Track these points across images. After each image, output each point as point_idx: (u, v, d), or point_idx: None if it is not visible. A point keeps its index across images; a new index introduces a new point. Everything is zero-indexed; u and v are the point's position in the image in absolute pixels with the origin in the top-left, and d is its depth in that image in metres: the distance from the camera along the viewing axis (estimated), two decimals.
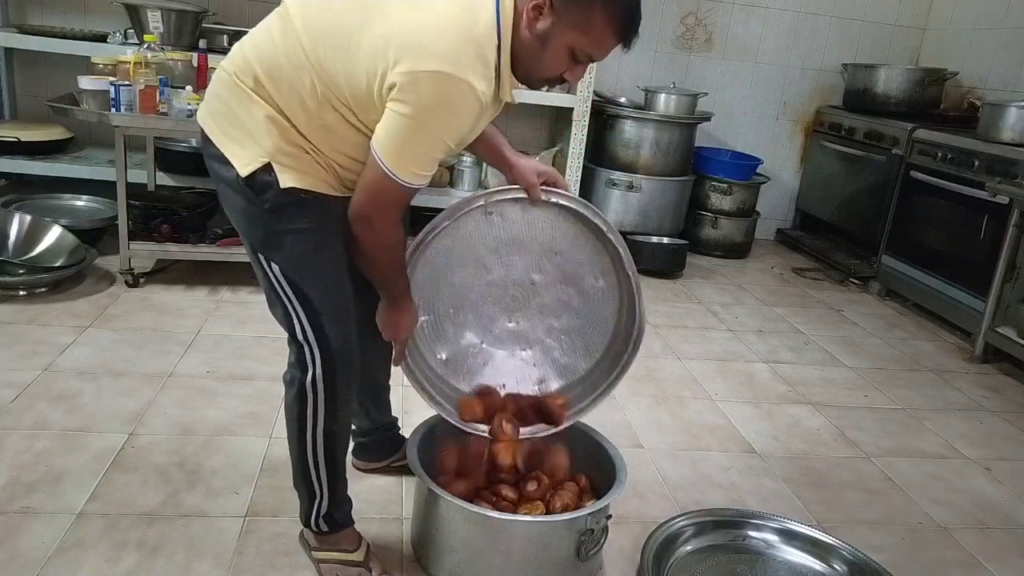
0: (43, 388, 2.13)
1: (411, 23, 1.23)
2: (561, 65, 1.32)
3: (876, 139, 3.91)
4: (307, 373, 1.40)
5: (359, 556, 1.54)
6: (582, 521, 1.49)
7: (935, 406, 2.66)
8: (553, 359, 1.75)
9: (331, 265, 1.38)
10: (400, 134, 1.24)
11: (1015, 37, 3.89)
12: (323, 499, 1.51)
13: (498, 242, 1.61)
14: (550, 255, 1.65)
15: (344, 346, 1.40)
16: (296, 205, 1.32)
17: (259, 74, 1.30)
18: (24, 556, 1.50)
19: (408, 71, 1.20)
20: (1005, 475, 2.25)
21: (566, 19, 1.27)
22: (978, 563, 1.83)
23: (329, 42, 1.27)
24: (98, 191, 3.40)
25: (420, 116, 1.22)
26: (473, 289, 1.66)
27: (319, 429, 1.45)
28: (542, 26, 1.28)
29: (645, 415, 2.36)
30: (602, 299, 1.70)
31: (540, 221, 1.60)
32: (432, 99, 1.21)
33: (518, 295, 1.69)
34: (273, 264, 1.37)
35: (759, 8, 4.36)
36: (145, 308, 2.74)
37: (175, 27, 3.36)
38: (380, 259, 1.38)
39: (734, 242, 4.28)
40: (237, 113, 1.32)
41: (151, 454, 1.88)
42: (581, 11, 1.26)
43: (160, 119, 2.70)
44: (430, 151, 1.27)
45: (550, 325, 1.72)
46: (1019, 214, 2.95)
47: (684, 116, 3.99)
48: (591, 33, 1.28)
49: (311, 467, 1.48)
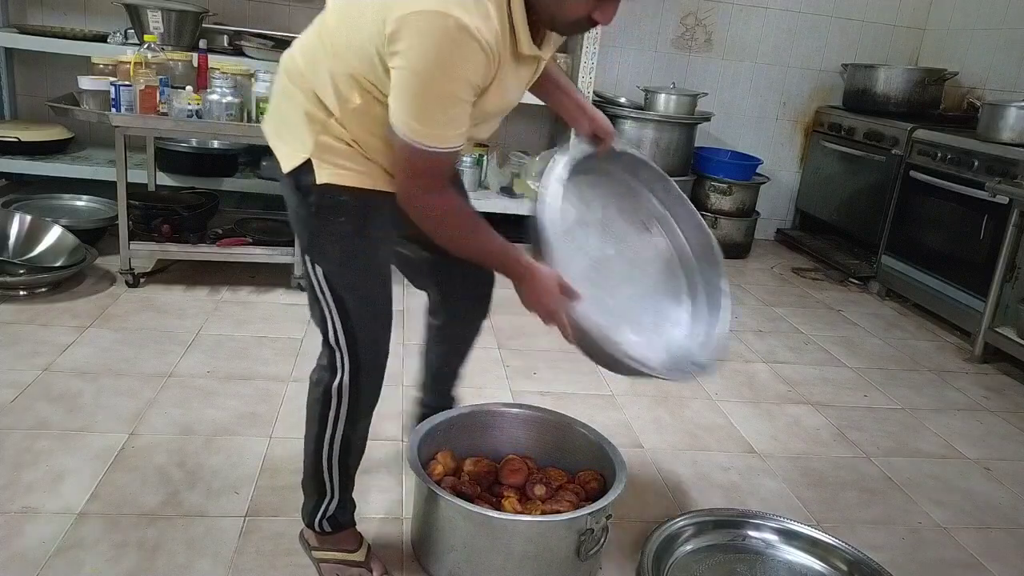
0: (43, 388, 2.13)
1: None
2: (585, 4, 1.19)
3: (876, 139, 3.91)
4: (335, 377, 1.40)
5: (360, 556, 1.54)
6: (582, 521, 1.49)
7: (935, 406, 2.66)
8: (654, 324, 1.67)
9: (370, 273, 1.36)
10: (405, 93, 1.16)
11: (1015, 37, 3.89)
12: (332, 501, 1.52)
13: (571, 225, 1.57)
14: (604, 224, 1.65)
15: (373, 356, 1.40)
16: (337, 208, 1.31)
17: (300, 64, 1.31)
18: (24, 556, 1.51)
19: (396, 18, 1.13)
20: (1005, 475, 2.25)
21: None
22: (978, 563, 1.83)
23: (345, 16, 1.26)
24: (98, 191, 3.40)
25: (416, 66, 1.14)
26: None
27: (338, 433, 1.45)
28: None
29: (645, 415, 2.36)
30: (654, 250, 1.70)
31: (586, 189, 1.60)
32: (423, 43, 1.12)
33: (601, 273, 1.61)
34: (317, 267, 1.36)
35: (759, 8, 4.36)
36: (145, 308, 2.74)
37: (175, 27, 3.36)
38: (447, 233, 1.30)
39: (734, 242, 4.28)
40: (284, 111, 1.33)
41: (151, 454, 1.89)
42: None
43: (160, 119, 2.70)
44: (441, 106, 1.17)
45: (630, 295, 1.65)
46: (1019, 214, 2.94)
47: (684, 116, 3.99)
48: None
49: (324, 469, 1.48)
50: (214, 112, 2.72)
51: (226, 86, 2.74)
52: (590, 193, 1.62)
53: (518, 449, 1.81)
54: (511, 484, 1.70)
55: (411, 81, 1.15)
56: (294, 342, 2.59)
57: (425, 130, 1.18)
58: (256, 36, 3.50)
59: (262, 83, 2.82)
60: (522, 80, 1.33)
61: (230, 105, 2.73)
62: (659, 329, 1.63)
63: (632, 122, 3.97)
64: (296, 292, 3.02)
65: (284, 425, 2.07)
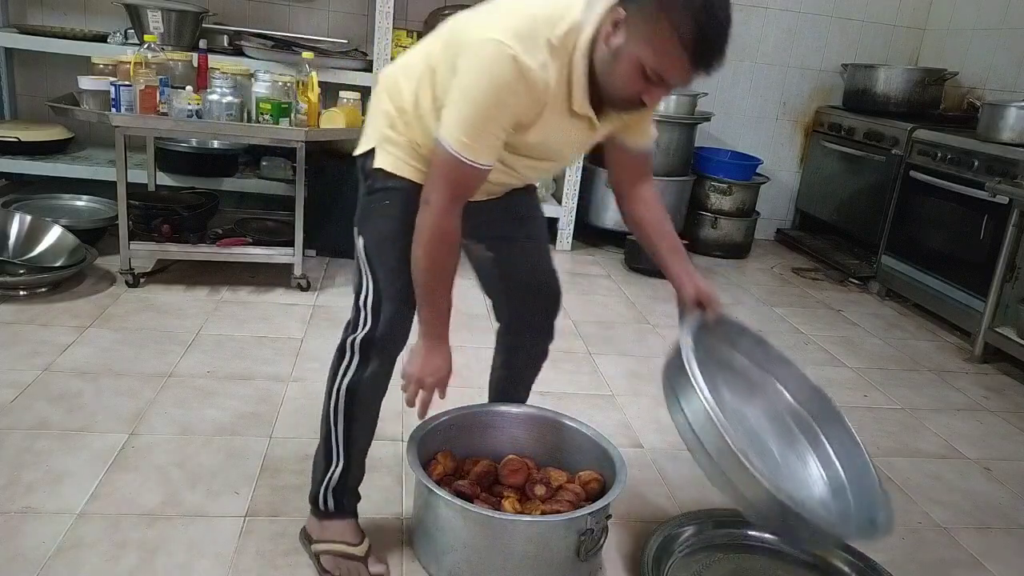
0: (43, 388, 2.13)
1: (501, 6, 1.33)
2: (633, 83, 1.27)
3: (876, 139, 3.91)
4: (354, 334, 1.50)
5: (361, 551, 1.55)
6: (582, 521, 1.49)
7: (935, 406, 2.66)
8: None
9: (401, 253, 1.43)
10: (453, 100, 1.30)
11: (1015, 37, 3.89)
12: (336, 467, 1.54)
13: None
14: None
15: (389, 327, 1.48)
16: (387, 191, 1.46)
17: (400, 82, 1.45)
18: (24, 556, 1.51)
19: (467, 41, 1.29)
20: (1005, 475, 2.25)
21: (636, 32, 1.24)
22: (978, 563, 1.83)
23: (448, 44, 1.36)
24: (98, 191, 3.40)
25: (465, 79, 1.28)
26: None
27: (344, 383, 1.51)
28: (616, 41, 1.26)
29: (645, 415, 2.36)
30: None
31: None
32: (479, 65, 1.26)
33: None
34: (360, 238, 1.50)
35: (759, 8, 4.36)
36: (145, 308, 2.74)
37: (175, 27, 3.36)
38: (423, 245, 1.37)
39: (734, 242, 4.28)
40: (372, 112, 1.51)
41: (151, 454, 1.89)
42: (648, 22, 1.22)
43: (160, 119, 2.70)
44: (477, 120, 1.28)
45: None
46: (1019, 214, 2.95)
47: (684, 116, 3.99)
48: (657, 46, 1.22)
49: (332, 424, 1.53)
50: (214, 112, 2.72)
51: (226, 86, 2.73)
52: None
53: (518, 449, 1.81)
54: (511, 484, 1.69)
55: (457, 89, 1.29)
56: (294, 342, 2.59)
57: (453, 131, 1.29)
58: (256, 36, 3.50)
59: (262, 83, 2.82)
60: (569, 134, 1.41)
61: (230, 105, 2.73)
62: (805, 492, 1.61)
63: None
64: (296, 292, 3.02)
65: (284, 425, 2.07)
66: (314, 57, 2.93)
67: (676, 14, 1.19)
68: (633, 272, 3.76)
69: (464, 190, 1.36)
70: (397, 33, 3.51)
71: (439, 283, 1.41)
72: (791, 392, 1.67)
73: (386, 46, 3.45)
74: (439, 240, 1.37)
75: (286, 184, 3.57)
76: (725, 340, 1.66)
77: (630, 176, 1.60)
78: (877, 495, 1.50)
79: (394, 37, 3.48)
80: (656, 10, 1.21)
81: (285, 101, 2.80)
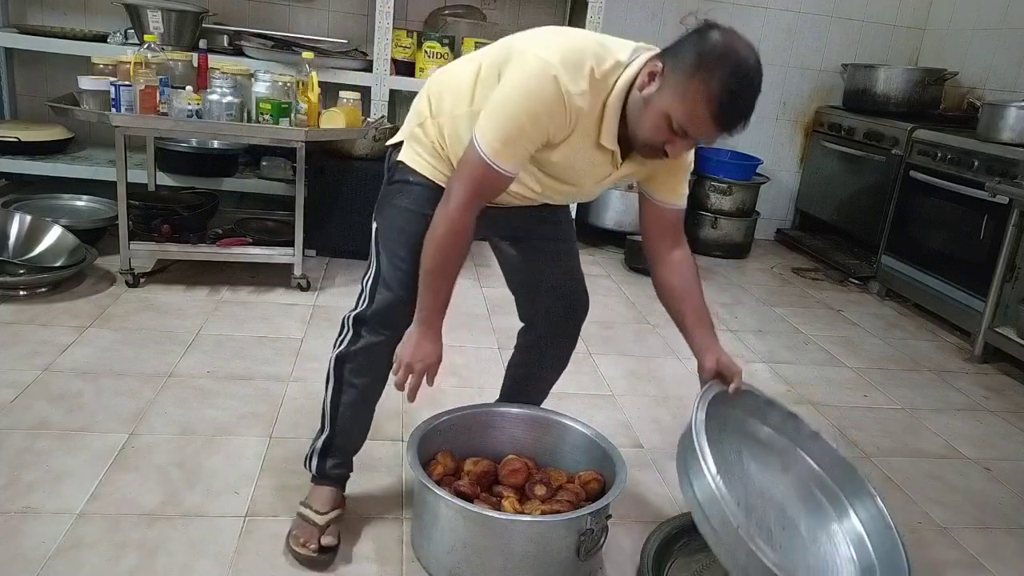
0: (43, 388, 2.13)
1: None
2: (659, 131, 1.34)
3: (876, 139, 3.91)
4: (353, 310, 1.59)
5: (321, 520, 1.59)
6: (582, 521, 1.49)
7: (935, 406, 2.66)
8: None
9: (407, 246, 1.50)
10: (492, 106, 1.36)
11: (1015, 37, 3.89)
12: (323, 434, 1.64)
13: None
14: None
15: (382, 310, 1.55)
16: (404, 184, 1.54)
17: (445, 80, 1.52)
18: (24, 556, 1.50)
19: (514, 51, 1.38)
20: (1005, 475, 2.25)
21: (670, 84, 1.30)
22: (978, 563, 1.83)
23: (493, 62, 1.43)
24: (98, 191, 3.40)
25: (507, 88, 1.35)
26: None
27: (335, 352, 1.60)
28: (650, 90, 1.33)
29: (645, 415, 2.36)
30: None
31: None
32: (521, 77, 1.34)
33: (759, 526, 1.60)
34: (374, 223, 1.59)
35: (759, 8, 4.36)
36: (145, 308, 2.74)
37: (175, 27, 3.36)
38: (441, 249, 1.43)
39: (734, 242, 4.28)
40: (412, 107, 1.58)
41: (151, 454, 1.89)
42: (682, 78, 1.29)
43: (160, 119, 2.70)
44: (511, 129, 1.34)
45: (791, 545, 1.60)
46: (1019, 214, 2.95)
47: None
48: (686, 103, 1.29)
49: (324, 386, 1.63)
50: (214, 112, 2.72)
51: (226, 86, 2.73)
52: (719, 438, 1.60)
53: (518, 449, 1.81)
54: (511, 484, 1.69)
55: (497, 95, 1.36)
56: (294, 342, 2.59)
57: (485, 133, 1.36)
58: (256, 36, 3.50)
59: (262, 83, 2.82)
60: (592, 163, 1.46)
61: (230, 105, 2.73)
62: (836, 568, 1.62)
63: None
64: (296, 292, 3.02)
65: (284, 425, 2.07)
66: (314, 57, 2.92)
67: (711, 78, 1.26)
68: (633, 272, 3.76)
69: (485, 191, 1.41)
70: (397, 33, 3.50)
71: (442, 273, 1.46)
72: (821, 466, 1.68)
73: (386, 46, 3.45)
74: (452, 233, 1.42)
75: (286, 184, 3.57)
76: (754, 413, 1.66)
77: (660, 235, 1.61)
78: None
79: (394, 37, 3.48)
80: (693, 70, 1.27)
81: (285, 101, 2.80)
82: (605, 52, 1.36)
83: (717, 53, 1.27)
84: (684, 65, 1.28)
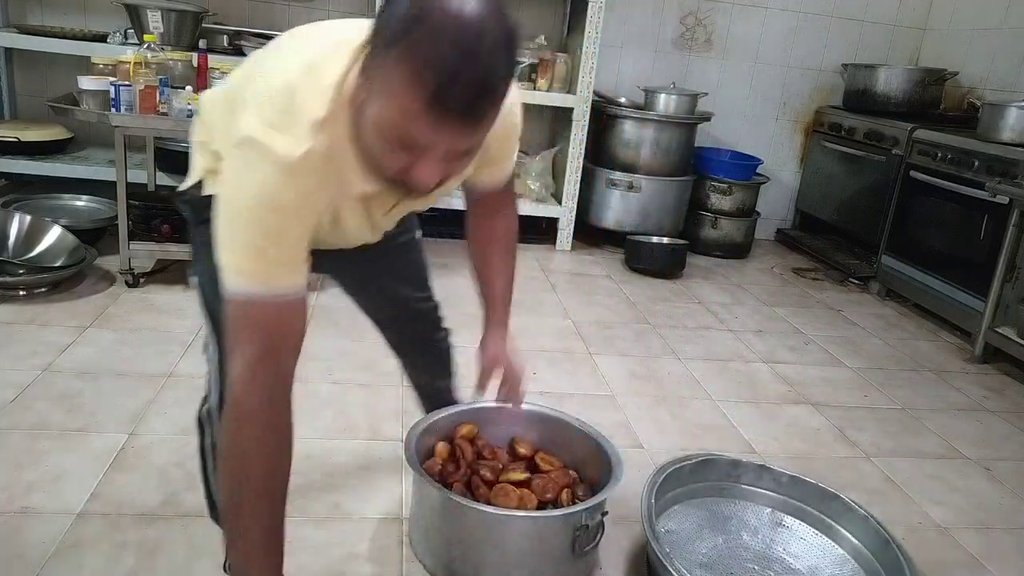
0: (43, 388, 2.13)
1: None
2: (387, 152, 0.94)
3: (876, 139, 3.91)
4: (203, 403, 1.42)
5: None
6: (577, 517, 1.50)
7: (935, 406, 2.66)
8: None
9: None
10: (221, 231, 1.01)
11: (1015, 37, 3.89)
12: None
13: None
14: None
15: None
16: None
17: (211, 109, 1.29)
18: (24, 556, 1.50)
19: (232, 137, 1.02)
20: (1005, 475, 2.25)
21: (375, 84, 0.92)
22: (978, 563, 1.83)
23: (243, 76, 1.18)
24: (98, 191, 3.40)
25: (229, 203, 1.01)
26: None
27: (201, 457, 1.51)
28: (360, 97, 0.95)
29: (645, 415, 2.36)
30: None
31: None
32: (234, 178, 1.01)
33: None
34: (194, 281, 1.38)
35: (759, 8, 4.36)
36: (145, 308, 2.74)
37: (175, 27, 3.36)
38: (224, 446, 1.01)
39: (734, 242, 4.28)
40: (193, 146, 1.36)
41: (151, 454, 1.88)
42: (382, 68, 0.90)
43: (160, 119, 2.70)
44: (255, 240, 0.98)
45: None
46: (1019, 214, 2.94)
47: (684, 116, 3.99)
48: (394, 97, 0.89)
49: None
50: None
51: None
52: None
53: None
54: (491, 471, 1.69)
55: (229, 224, 1.02)
56: None
57: (251, 270, 0.99)
58: (256, 36, 3.50)
59: None
60: (371, 214, 1.17)
61: None
62: None
63: (632, 122, 3.97)
64: None
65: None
66: None
67: (412, 48, 0.87)
68: (633, 272, 3.76)
69: (274, 338, 0.99)
70: None
71: (246, 498, 0.98)
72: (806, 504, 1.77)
73: None
74: (238, 425, 0.98)
75: None
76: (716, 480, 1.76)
77: (489, 210, 1.43)
78: None
79: None
80: (390, 47, 0.89)
81: None
82: (321, 62, 0.99)
83: (413, 13, 0.87)
84: (381, 46, 0.90)
